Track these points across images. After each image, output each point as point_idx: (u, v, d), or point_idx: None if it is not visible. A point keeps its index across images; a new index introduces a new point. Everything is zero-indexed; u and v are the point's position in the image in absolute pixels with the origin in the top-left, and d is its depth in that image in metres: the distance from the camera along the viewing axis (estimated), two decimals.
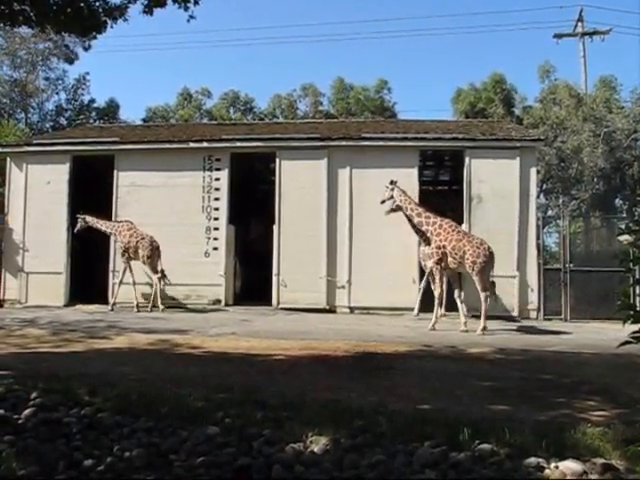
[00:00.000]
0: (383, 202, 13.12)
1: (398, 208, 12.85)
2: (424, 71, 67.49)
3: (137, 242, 15.31)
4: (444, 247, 12.05)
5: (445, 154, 18.39)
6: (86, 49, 30.16)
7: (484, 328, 11.43)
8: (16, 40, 32.66)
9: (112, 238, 16.24)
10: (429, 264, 12.59)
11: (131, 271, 15.52)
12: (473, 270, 11.77)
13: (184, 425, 4.51)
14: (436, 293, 12.40)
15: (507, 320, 14.19)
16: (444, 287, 12.46)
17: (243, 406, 4.93)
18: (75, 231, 16.41)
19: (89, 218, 16.07)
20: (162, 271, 15.38)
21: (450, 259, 12.04)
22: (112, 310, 15.11)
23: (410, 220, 12.82)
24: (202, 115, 37.08)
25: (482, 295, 11.76)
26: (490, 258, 11.84)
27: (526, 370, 7.40)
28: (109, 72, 67.27)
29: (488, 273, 11.96)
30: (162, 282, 15.48)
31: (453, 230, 12.21)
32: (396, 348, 8.92)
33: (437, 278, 12.36)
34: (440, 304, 12.48)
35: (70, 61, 34.39)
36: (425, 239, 12.91)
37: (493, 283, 12.17)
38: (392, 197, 12.96)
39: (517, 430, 4.31)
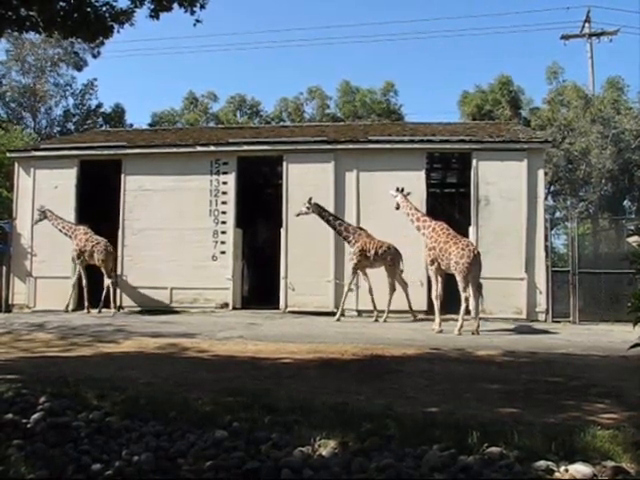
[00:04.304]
0: (397, 208, 13.32)
1: (317, 214, 14.47)
2: (430, 74, 67.49)
3: (92, 246, 15.79)
4: (434, 249, 12.37)
5: (452, 156, 18.36)
6: (95, 56, 30.39)
7: (461, 327, 11.71)
8: (25, 46, 32.89)
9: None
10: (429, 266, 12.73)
11: (85, 274, 16.00)
12: (456, 270, 11.97)
13: (192, 429, 4.51)
14: (433, 295, 12.59)
15: (515, 322, 14.15)
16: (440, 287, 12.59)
17: (251, 410, 4.93)
18: (34, 223, 16.63)
19: (49, 214, 16.36)
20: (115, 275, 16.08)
21: (440, 261, 12.29)
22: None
23: (327, 223, 14.54)
24: (208, 119, 37.14)
25: (462, 295, 11.98)
26: (475, 260, 11.97)
27: (534, 372, 7.37)
28: (114, 77, 67.52)
29: (474, 274, 12.02)
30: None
31: (443, 233, 12.46)
32: (404, 351, 8.90)
33: (433, 280, 12.57)
34: (439, 305, 12.56)
35: (79, 68, 34.64)
36: (347, 242, 14.36)
37: (479, 285, 12.22)
38: (398, 204, 13.21)
39: (526, 433, 4.29)
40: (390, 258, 14.06)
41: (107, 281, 15.76)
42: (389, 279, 14.21)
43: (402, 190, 13.36)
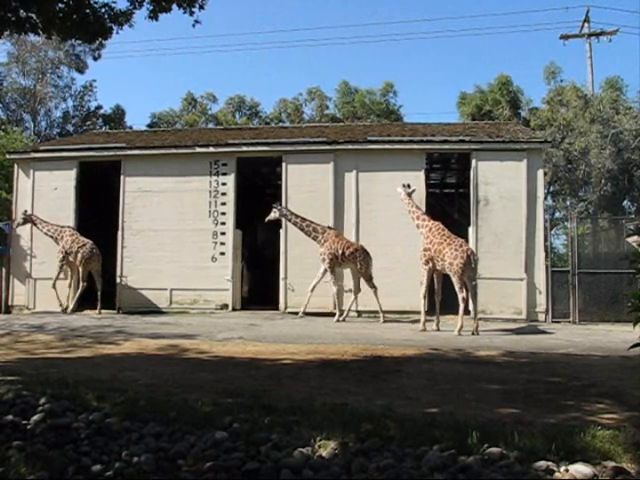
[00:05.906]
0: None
1: (283, 216, 15.03)
2: (430, 74, 67.57)
3: (78, 248, 16.04)
4: (429, 249, 12.38)
5: (452, 157, 18.35)
6: (96, 59, 30.79)
7: (460, 328, 11.66)
8: (27, 48, 32.91)
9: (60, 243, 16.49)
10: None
11: (65, 274, 16.47)
12: (451, 271, 11.97)
13: (192, 430, 4.51)
14: (421, 293, 12.65)
15: (515, 322, 14.15)
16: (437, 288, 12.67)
17: (251, 411, 4.93)
18: (15, 226, 16.83)
19: (35, 218, 16.55)
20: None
21: (435, 261, 12.31)
22: (64, 312, 16.00)
23: (294, 225, 14.81)
24: (207, 120, 37.15)
25: (459, 296, 11.96)
26: (469, 260, 11.95)
27: (534, 373, 7.37)
28: (114, 78, 67.59)
29: (469, 275, 12.03)
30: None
31: (439, 233, 12.46)
32: (404, 351, 8.90)
33: (423, 279, 12.58)
34: (425, 305, 12.64)
35: (80, 71, 34.73)
36: (315, 240, 14.42)
37: (474, 285, 12.22)
38: (402, 199, 13.25)
39: (526, 433, 4.29)
40: (359, 260, 14.06)
41: (81, 284, 16.18)
42: (367, 282, 14.24)
43: (408, 186, 13.37)
